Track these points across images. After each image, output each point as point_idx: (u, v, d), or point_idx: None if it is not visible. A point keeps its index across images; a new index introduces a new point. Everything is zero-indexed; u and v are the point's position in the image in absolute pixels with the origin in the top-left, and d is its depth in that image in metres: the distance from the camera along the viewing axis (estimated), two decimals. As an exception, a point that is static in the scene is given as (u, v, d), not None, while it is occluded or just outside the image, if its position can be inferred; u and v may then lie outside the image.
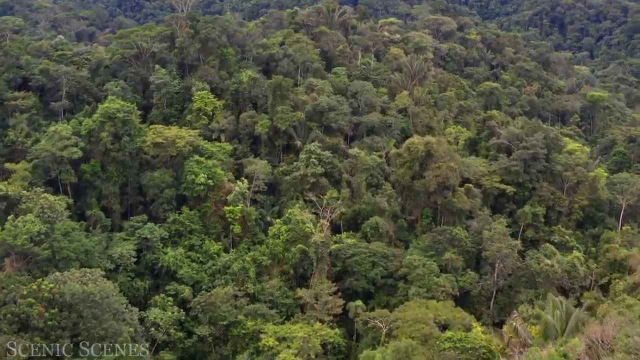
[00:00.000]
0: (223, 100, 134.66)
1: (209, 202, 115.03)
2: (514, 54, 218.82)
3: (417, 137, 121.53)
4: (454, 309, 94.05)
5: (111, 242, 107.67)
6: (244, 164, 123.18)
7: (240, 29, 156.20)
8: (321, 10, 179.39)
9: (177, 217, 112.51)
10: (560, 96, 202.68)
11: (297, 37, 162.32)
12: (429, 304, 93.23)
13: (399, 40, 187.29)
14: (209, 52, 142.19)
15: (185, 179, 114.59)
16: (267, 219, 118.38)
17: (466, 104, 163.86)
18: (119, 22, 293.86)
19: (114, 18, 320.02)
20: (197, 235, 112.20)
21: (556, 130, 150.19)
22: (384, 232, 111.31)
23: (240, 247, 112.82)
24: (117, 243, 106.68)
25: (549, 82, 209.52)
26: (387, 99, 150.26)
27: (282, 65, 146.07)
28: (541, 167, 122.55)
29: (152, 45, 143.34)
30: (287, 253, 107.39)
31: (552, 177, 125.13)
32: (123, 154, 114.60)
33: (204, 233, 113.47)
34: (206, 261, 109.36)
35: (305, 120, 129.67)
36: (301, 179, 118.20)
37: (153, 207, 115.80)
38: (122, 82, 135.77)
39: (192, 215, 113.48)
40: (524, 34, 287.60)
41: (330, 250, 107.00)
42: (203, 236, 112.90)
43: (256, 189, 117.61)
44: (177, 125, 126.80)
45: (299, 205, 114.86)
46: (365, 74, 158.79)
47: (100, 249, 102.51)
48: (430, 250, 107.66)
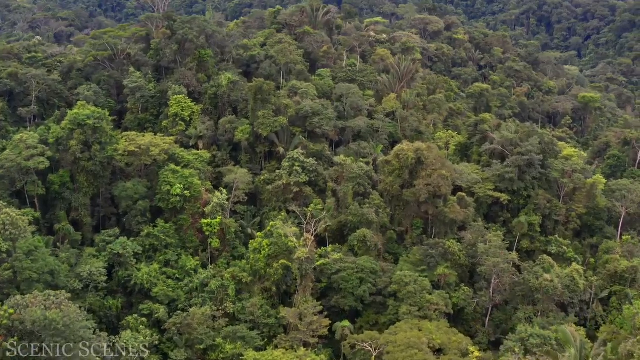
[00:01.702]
0: (201, 105, 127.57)
1: (186, 214, 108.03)
2: (502, 54, 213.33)
3: (407, 143, 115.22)
4: (449, 331, 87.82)
5: (80, 259, 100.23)
6: (223, 172, 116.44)
7: (219, 29, 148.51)
8: (305, 9, 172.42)
9: (151, 230, 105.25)
10: (551, 97, 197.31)
11: (279, 38, 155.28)
12: (421, 325, 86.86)
13: (386, 40, 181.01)
14: (187, 53, 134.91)
15: (160, 189, 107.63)
16: (248, 231, 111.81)
17: (456, 107, 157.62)
18: (98, 23, 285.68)
19: (94, 19, 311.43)
20: (173, 250, 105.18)
21: (550, 134, 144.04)
22: (372, 245, 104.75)
23: (219, 263, 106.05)
24: (86, 260, 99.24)
25: (538, 83, 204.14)
26: (374, 102, 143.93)
27: (264, 68, 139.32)
28: (537, 173, 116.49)
29: (127, 47, 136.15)
30: (269, 269, 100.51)
31: (548, 184, 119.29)
32: (94, 163, 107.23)
33: (180, 247, 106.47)
34: (182, 278, 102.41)
35: (288, 125, 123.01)
36: (284, 189, 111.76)
37: (126, 220, 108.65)
38: (94, 86, 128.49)
39: (167, 228, 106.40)
40: (510, 34, 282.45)
41: (315, 266, 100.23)
42: (179, 251, 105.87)
43: (236, 199, 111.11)
44: (153, 132, 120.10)
45: (282, 217, 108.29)
46: (351, 76, 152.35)
47: (67, 268, 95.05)
48: (422, 265, 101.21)
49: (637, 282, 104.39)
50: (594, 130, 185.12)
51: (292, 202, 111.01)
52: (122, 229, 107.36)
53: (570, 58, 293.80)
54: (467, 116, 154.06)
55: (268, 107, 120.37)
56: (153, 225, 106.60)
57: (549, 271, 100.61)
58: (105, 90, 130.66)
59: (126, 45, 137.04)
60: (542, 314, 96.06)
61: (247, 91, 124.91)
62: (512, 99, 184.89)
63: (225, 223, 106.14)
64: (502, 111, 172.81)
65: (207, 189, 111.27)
